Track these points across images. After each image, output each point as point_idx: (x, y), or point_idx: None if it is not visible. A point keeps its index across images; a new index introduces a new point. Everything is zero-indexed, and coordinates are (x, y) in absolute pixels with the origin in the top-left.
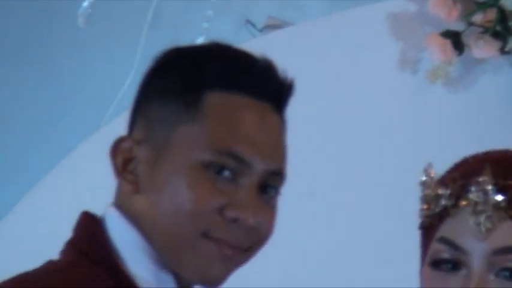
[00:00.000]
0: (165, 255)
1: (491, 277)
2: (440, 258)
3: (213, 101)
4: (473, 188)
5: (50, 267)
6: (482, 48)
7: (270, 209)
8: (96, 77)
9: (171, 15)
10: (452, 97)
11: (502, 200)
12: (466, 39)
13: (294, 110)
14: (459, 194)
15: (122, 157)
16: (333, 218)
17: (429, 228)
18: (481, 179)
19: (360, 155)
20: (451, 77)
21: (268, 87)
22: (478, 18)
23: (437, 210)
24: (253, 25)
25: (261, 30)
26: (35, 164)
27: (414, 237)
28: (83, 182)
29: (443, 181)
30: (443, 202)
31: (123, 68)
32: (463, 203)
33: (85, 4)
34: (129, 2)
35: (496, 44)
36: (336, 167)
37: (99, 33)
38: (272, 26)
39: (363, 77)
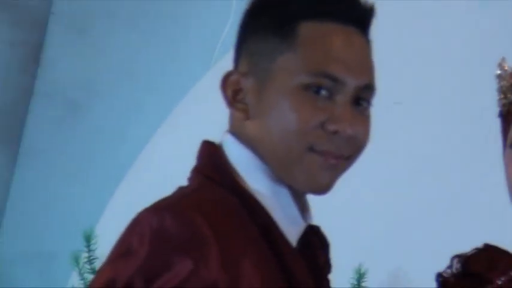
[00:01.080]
0: (278, 171)
1: None
2: None
3: (305, 31)
4: None
5: (179, 193)
6: None
7: (365, 119)
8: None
9: None
10: None
11: None
12: None
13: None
14: None
15: (231, 89)
16: (418, 125)
17: (507, 115)
18: None
19: (443, 65)
20: None
21: (352, 13)
22: None
23: None
24: None
25: None
26: (154, 108)
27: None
28: (202, 118)
29: None
30: None
31: (223, 13)
32: None
33: None
34: None
35: None
36: (422, 78)
37: None
38: None
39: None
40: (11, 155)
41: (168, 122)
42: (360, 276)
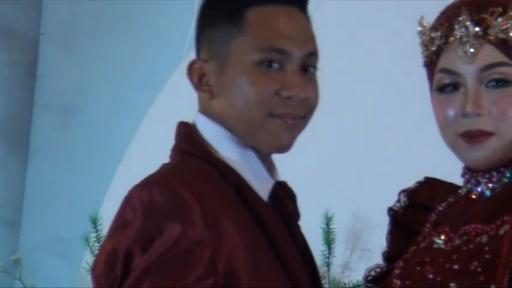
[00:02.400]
0: (244, 138)
1: (483, 88)
2: (443, 84)
3: (252, 15)
4: (456, 26)
5: (162, 169)
6: None
7: (313, 82)
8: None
9: None
10: None
11: (479, 30)
12: None
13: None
14: (447, 33)
15: (196, 75)
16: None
17: (431, 64)
18: (461, 18)
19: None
20: None
21: None
22: None
23: (433, 49)
24: None
25: None
26: (136, 103)
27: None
28: (178, 106)
29: (434, 27)
30: (437, 42)
31: (188, 12)
32: (451, 39)
33: None
34: None
35: None
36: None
37: None
38: None
39: None
40: (22, 157)
41: (150, 114)
42: (328, 220)
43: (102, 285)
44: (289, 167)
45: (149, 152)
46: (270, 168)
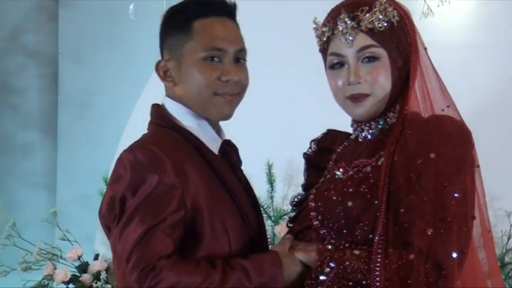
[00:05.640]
0: (198, 111)
1: (360, 64)
2: (333, 63)
3: (198, 26)
4: (338, 22)
5: (142, 137)
6: None
7: (244, 69)
8: (147, 35)
9: None
10: None
11: (354, 23)
12: None
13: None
14: (333, 27)
15: (162, 70)
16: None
17: (324, 50)
18: (341, 16)
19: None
20: None
21: (224, 9)
22: None
23: (325, 39)
24: None
25: None
26: (131, 98)
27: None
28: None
29: (323, 24)
30: (326, 34)
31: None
32: (336, 31)
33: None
34: None
35: None
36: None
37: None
38: None
39: None
40: (52, 141)
41: (138, 105)
42: (270, 167)
43: (107, 222)
44: (240, 129)
45: (139, 130)
46: (218, 131)
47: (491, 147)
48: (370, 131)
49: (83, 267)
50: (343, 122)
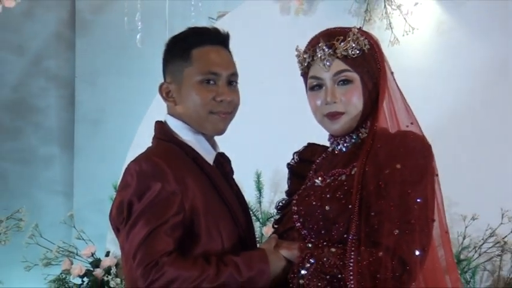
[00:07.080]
0: (196, 128)
1: (336, 86)
2: (312, 85)
3: (196, 53)
4: (317, 50)
5: (147, 150)
6: None
7: (236, 91)
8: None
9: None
10: None
11: (330, 51)
12: None
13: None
14: (312, 54)
15: (164, 92)
16: (274, 94)
17: (305, 74)
18: (320, 44)
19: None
20: None
21: (218, 39)
22: None
23: (306, 64)
24: (213, 18)
25: (216, 19)
26: (138, 115)
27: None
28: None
29: (304, 51)
30: (307, 60)
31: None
32: (315, 58)
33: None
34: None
35: None
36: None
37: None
38: (221, 16)
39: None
40: (70, 154)
41: (143, 123)
42: (258, 175)
43: (116, 224)
44: (233, 142)
45: (144, 144)
46: (213, 145)
47: (449, 158)
48: (345, 145)
49: (96, 263)
50: (322, 137)
